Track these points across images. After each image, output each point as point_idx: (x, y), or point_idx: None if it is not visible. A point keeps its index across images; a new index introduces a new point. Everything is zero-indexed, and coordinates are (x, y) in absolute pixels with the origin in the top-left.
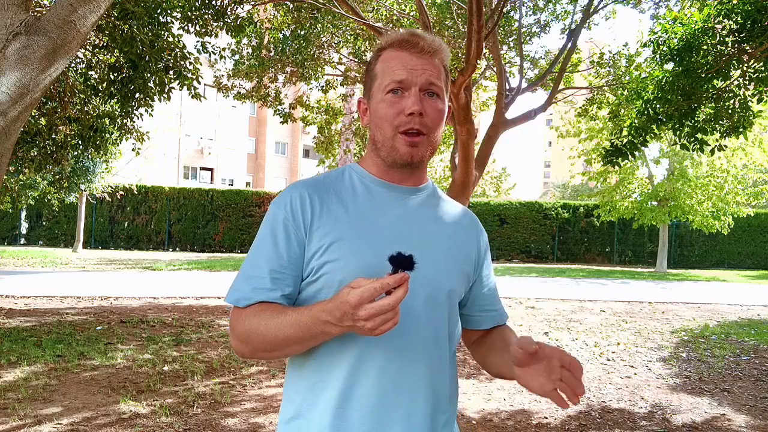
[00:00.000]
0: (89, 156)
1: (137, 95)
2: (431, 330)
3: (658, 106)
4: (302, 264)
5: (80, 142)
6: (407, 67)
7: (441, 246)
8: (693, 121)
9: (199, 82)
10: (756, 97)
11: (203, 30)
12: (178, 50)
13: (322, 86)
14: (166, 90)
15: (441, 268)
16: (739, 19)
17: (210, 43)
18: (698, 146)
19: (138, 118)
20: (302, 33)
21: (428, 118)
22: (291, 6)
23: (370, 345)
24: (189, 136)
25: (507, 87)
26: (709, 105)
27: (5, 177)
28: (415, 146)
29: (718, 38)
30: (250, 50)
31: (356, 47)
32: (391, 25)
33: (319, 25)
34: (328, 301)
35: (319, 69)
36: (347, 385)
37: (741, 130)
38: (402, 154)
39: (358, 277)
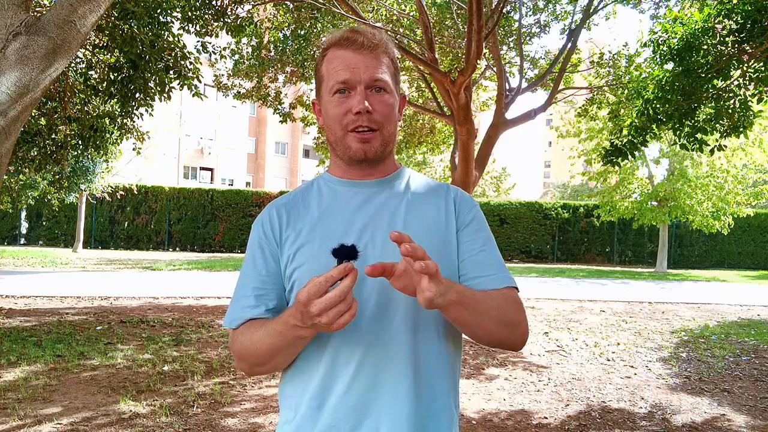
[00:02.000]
0: (89, 156)
1: (137, 95)
2: (411, 317)
3: (658, 106)
4: (281, 277)
5: (80, 142)
6: (349, 66)
7: (415, 230)
8: (693, 121)
9: (199, 81)
10: (756, 97)
11: (203, 30)
12: (178, 50)
13: None
14: (166, 90)
15: None
16: (739, 19)
17: (210, 43)
18: (698, 146)
19: (138, 118)
20: (302, 33)
21: (377, 113)
22: (291, 6)
23: (344, 342)
24: (189, 136)
25: (507, 87)
26: (709, 105)
27: (5, 177)
28: (367, 142)
29: (718, 38)
30: (250, 50)
31: None
32: (391, 25)
33: (319, 25)
34: (292, 305)
35: None
36: (325, 384)
37: (741, 130)
38: (355, 151)
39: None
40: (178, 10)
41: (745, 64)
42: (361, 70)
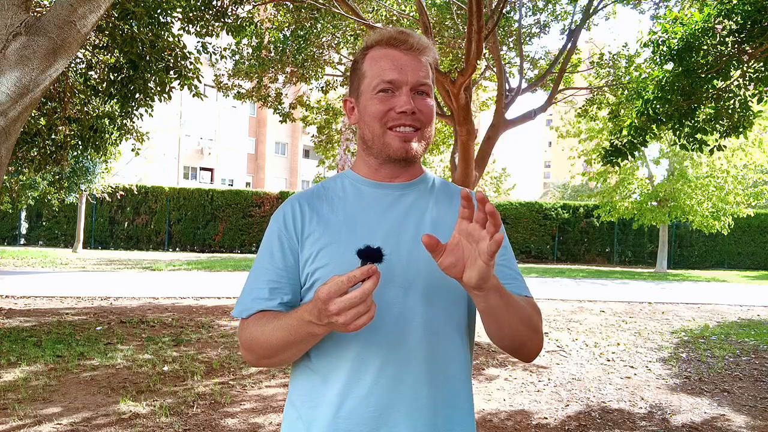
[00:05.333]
0: (89, 156)
1: (137, 95)
2: (432, 325)
3: (658, 106)
4: (298, 272)
5: (80, 142)
6: (397, 66)
7: (439, 235)
8: (693, 121)
9: (200, 81)
10: (756, 97)
11: (204, 30)
12: (178, 50)
13: (322, 86)
14: (166, 90)
15: None
16: (739, 19)
17: (210, 43)
18: (698, 146)
19: (138, 119)
20: (302, 33)
21: (421, 114)
22: (291, 6)
23: (367, 346)
24: (189, 136)
25: (507, 87)
26: (709, 105)
27: (5, 177)
28: (408, 141)
29: (718, 38)
30: (250, 50)
31: (356, 47)
32: (390, 26)
33: (319, 25)
34: (309, 301)
35: (319, 69)
36: (345, 388)
37: (741, 130)
38: (395, 150)
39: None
40: (178, 10)
41: (745, 65)
42: (409, 72)
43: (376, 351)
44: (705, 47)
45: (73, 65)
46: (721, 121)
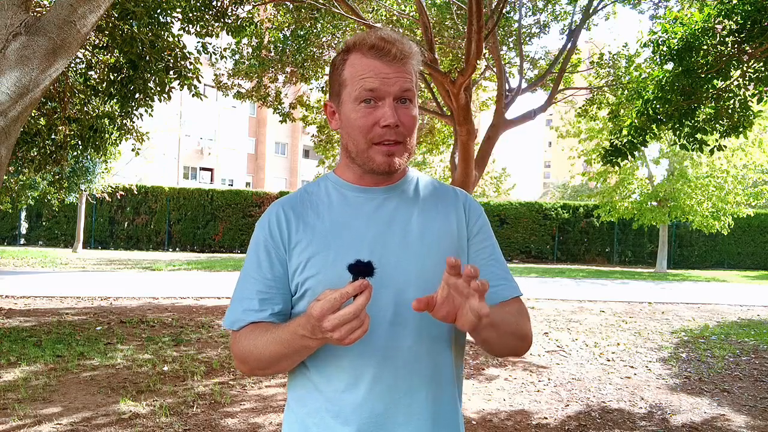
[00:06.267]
0: (89, 156)
1: (137, 95)
2: (426, 328)
3: (658, 106)
4: (287, 281)
5: (80, 142)
6: (379, 76)
7: (430, 240)
8: (693, 121)
9: (199, 81)
10: (756, 97)
11: (204, 30)
12: (178, 50)
13: (322, 86)
14: (166, 90)
15: (429, 264)
16: (739, 19)
17: (210, 43)
18: (698, 146)
19: (138, 119)
20: (302, 33)
21: (403, 126)
22: (291, 6)
23: (361, 352)
24: (189, 136)
25: (507, 87)
26: (709, 105)
27: (5, 177)
28: (392, 155)
29: (718, 38)
30: (250, 50)
31: None
32: (390, 26)
33: (319, 25)
34: (302, 315)
35: (319, 69)
36: (341, 395)
37: (741, 130)
38: (379, 164)
39: (327, 289)
40: (178, 10)
41: (745, 64)
42: (391, 81)
43: (371, 357)
44: (705, 47)
45: (73, 65)
46: (721, 121)
